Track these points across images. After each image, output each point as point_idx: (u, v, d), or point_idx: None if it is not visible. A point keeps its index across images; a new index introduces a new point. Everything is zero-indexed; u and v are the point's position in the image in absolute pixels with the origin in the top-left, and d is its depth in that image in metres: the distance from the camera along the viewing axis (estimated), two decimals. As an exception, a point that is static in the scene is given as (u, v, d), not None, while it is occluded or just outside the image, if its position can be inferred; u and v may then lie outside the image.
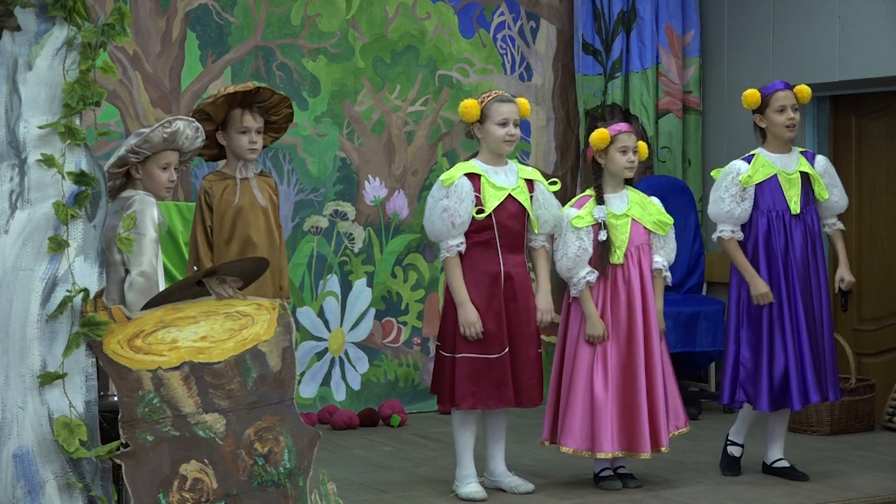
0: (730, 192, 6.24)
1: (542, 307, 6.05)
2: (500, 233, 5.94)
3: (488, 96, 6.01)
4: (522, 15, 8.49)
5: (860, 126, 8.05)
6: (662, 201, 6.40)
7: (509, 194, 5.95)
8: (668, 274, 6.20)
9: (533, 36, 8.52)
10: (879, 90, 7.83)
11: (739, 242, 6.28)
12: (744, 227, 6.29)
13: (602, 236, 6.03)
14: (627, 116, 8.53)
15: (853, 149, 8.07)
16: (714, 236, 6.35)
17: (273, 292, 5.79)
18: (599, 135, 6.08)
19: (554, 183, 6.12)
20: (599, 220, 6.03)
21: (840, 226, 6.44)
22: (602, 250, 6.04)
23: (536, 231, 6.06)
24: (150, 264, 4.84)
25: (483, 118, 5.95)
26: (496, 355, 5.90)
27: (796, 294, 6.21)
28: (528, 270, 6.07)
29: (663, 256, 6.17)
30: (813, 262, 6.29)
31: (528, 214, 6.00)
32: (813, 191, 6.31)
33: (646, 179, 8.28)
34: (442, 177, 5.93)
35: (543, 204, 6.05)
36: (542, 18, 8.55)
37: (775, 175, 6.25)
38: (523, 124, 8.49)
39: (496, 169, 5.98)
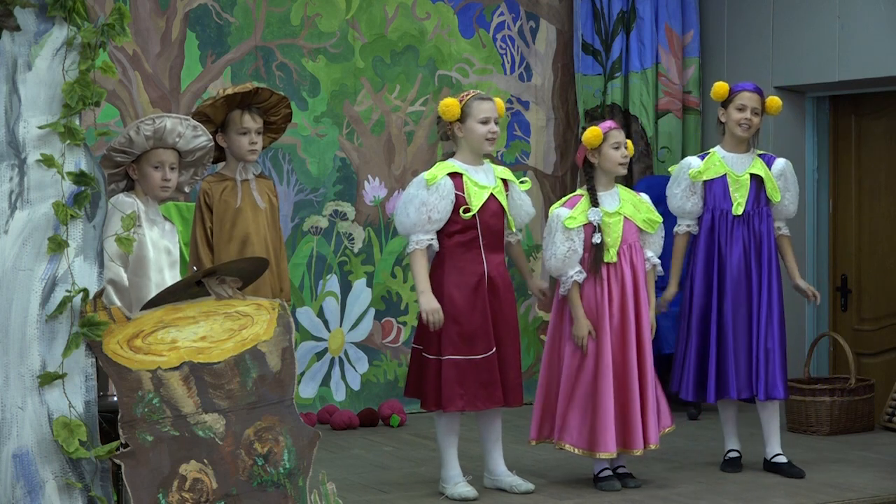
0: (681, 187, 6.40)
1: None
2: (484, 232, 5.96)
3: (467, 95, 6.02)
4: (522, 15, 8.49)
5: (860, 126, 8.05)
6: (661, 202, 6.42)
7: (491, 193, 5.98)
8: (659, 263, 6.23)
9: (533, 36, 8.52)
10: (879, 90, 7.83)
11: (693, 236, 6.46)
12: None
13: (596, 239, 6.01)
14: (627, 116, 8.53)
15: (853, 149, 8.07)
16: (674, 230, 6.48)
17: (273, 294, 5.79)
18: (592, 132, 6.07)
19: (524, 182, 6.17)
20: (595, 223, 6.03)
21: (786, 231, 6.49)
22: (595, 252, 6.03)
23: (513, 229, 6.12)
24: (112, 270, 4.87)
25: (464, 116, 5.95)
26: (482, 355, 5.91)
27: (726, 295, 6.31)
28: (507, 269, 6.10)
29: (653, 251, 6.21)
30: (756, 265, 6.34)
31: (506, 213, 6.03)
32: (766, 192, 6.35)
33: (645, 179, 8.28)
34: (426, 175, 5.91)
35: (519, 203, 6.15)
36: (541, 18, 8.55)
37: (725, 175, 6.32)
38: (523, 124, 8.53)
39: (475, 168, 6.00)
